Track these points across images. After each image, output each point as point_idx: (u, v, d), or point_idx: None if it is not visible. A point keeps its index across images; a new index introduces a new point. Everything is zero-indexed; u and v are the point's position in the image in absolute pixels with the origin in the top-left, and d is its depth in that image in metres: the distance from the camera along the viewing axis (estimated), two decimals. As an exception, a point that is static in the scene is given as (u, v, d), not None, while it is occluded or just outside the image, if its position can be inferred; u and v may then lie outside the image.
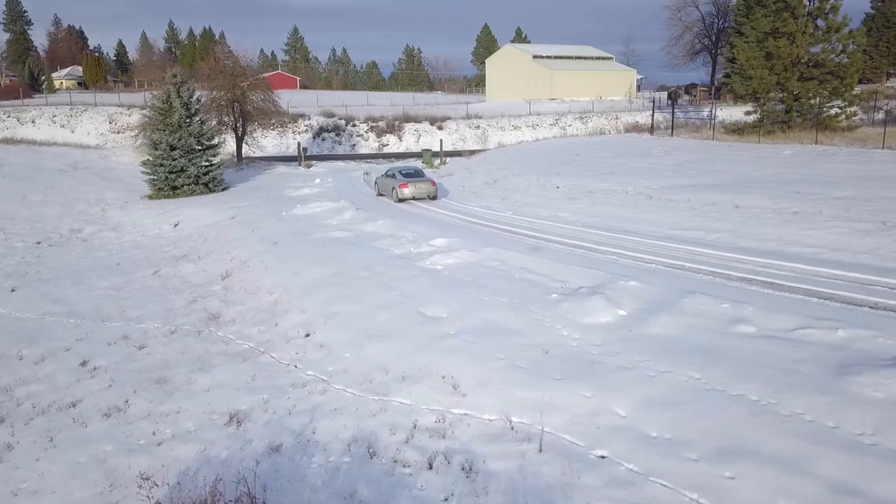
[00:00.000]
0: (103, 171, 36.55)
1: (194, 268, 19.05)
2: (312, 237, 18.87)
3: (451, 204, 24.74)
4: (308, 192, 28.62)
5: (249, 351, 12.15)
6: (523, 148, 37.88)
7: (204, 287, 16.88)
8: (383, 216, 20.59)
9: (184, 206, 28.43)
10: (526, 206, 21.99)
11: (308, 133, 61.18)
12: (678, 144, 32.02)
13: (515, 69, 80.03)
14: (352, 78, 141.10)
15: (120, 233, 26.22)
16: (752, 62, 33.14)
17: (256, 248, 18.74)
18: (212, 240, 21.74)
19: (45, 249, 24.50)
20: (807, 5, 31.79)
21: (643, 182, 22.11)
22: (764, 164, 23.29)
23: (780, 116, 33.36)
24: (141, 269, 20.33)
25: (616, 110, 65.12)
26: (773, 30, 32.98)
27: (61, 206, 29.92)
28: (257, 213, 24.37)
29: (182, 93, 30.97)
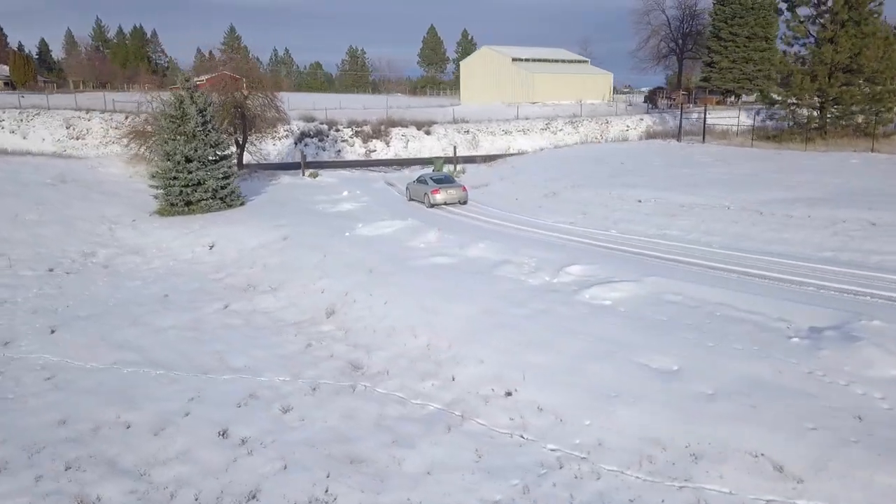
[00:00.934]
0: (95, 185, 33.34)
1: (276, 301, 16.94)
2: (412, 264, 17.05)
3: (523, 219, 23.24)
4: (350, 206, 26.60)
5: (442, 415, 10.36)
6: (548, 156, 36.72)
7: (309, 326, 14.87)
8: (477, 238, 18.91)
9: (208, 224, 25.94)
10: (620, 223, 20.72)
11: (289, 139, 58.58)
12: (720, 152, 31.46)
13: (494, 72, 79.13)
14: (296, 79, 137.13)
15: (144, 257, 23.60)
16: (787, 67, 32.87)
17: (350, 278, 16.79)
18: (276, 267, 19.58)
19: (63, 278, 21.74)
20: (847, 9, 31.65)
21: (738, 196, 21.19)
22: (847, 174, 22.71)
23: (814, 122, 33.20)
24: (202, 302, 18.06)
25: (601, 115, 64.84)
26: (806, 35, 32.79)
27: (61, 226, 26.90)
28: (311, 233, 22.27)
29: (196, 98, 28.34)
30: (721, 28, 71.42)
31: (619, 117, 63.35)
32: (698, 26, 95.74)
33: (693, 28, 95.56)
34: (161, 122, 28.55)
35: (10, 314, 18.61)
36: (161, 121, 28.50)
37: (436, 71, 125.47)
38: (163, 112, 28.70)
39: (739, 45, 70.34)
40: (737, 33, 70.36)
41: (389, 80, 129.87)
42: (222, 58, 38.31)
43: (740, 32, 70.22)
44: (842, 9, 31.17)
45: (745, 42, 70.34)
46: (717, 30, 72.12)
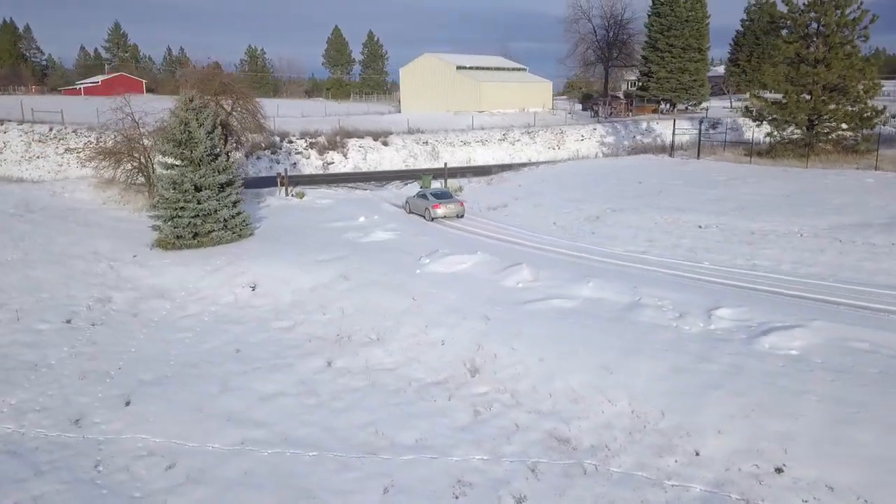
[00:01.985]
0: (68, 214, 29.92)
1: (388, 356, 15.63)
2: (528, 309, 16.22)
3: (585, 246, 22.79)
4: (385, 235, 25.19)
5: (717, 499, 9.67)
6: (549, 174, 36.53)
7: (457, 388, 13.77)
8: (574, 274, 18.21)
9: (231, 259, 23.80)
10: (699, 252, 20.71)
11: (239, 151, 55.35)
12: (728, 169, 32.41)
13: (437, 79, 78.51)
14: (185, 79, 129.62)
15: (174, 301, 21.31)
16: (782, 86, 34.28)
17: (466, 327, 15.78)
18: (356, 313, 18.13)
19: (90, 331, 19.28)
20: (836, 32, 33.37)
21: (798, 221, 21.77)
22: (887, 196, 23.77)
23: (804, 140, 34.75)
24: (290, 357, 16.46)
25: (554, 124, 65.54)
26: (797, 55, 34.29)
27: (54, 266, 23.91)
28: (371, 270, 20.82)
29: (203, 120, 25.94)
30: (657, 39, 74.08)
31: (572, 127, 64.22)
32: (624, 36, 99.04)
33: (619, 37, 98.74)
34: (163, 146, 25.92)
35: (56, 381, 16.27)
36: (163, 145, 25.86)
37: (342, 72, 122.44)
38: (165, 135, 26.07)
39: (675, 55, 73.19)
40: (673, 44, 73.21)
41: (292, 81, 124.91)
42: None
43: (676, 44, 73.11)
44: (833, 33, 32.92)
45: (680, 53, 73.26)
46: (653, 41, 74.73)
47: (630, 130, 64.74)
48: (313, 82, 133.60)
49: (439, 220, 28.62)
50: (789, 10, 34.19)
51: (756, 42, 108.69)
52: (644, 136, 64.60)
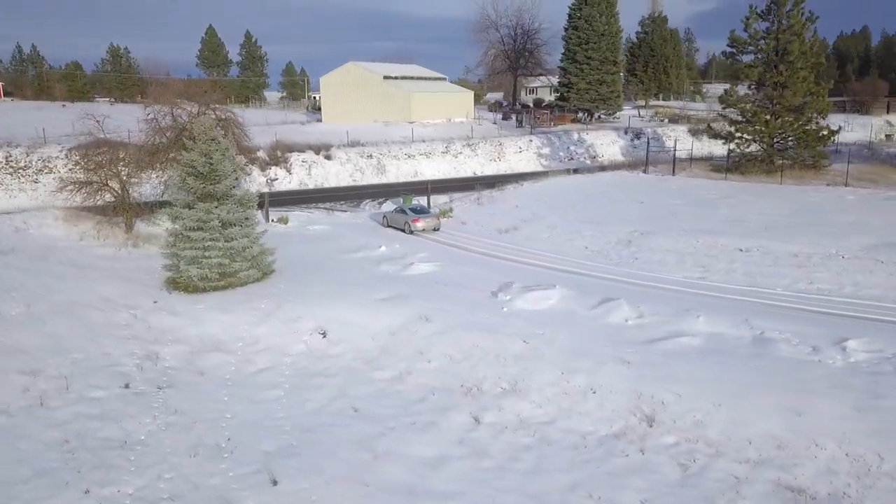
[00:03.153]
0: (44, 253, 26.65)
1: (539, 408, 15.32)
2: (660, 348, 16.47)
3: (641, 273, 23.28)
4: (427, 268, 24.54)
5: None
6: (537, 192, 36.97)
7: (641, 441, 13.74)
8: (678, 309, 18.59)
9: (278, 301, 22.27)
10: (757, 276, 21.86)
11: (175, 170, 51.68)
12: (714, 187, 34.41)
13: (363, 89, 77.21)
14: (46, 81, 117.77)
15: (236, 354, 19.68)
16: (751, 108, 36.75)
17: (606, 371, 15.83)
18: (464, 358, 17.62)
19: (160, 396, 17.48)
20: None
21: (832, 242, 23.46)
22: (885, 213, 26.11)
23: (764, 156, 37.47)
24: (422, 414, 15.82)
25: (491, 136, 66.37)
26: (761, 78, 36.91)
27: (68, 319, 21.32)
28: (445, 308, 20.24)
29: (224, 150, 24.03)
30: (576, 52, 76.92)
31: (508, 139, 65.24)
32: (532, 45, 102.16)
33: (527, 47, 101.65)
34: (185, 182, 23.68)
35: (164, 461, 14.64)
36: (185, 181, 23.63)
37: (219, 74, 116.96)
38: (184, 168, 23.83)
39: (594, 68, 76.29)
40: (591, 57, 76.31)
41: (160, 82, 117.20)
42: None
43: (594, 56, 76.28)
44: (797, 58, 35.80)
45: (598, 66, 76.45)
46: (571, 53, 77.47)
47: (563, 142, 66.70)
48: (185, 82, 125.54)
49: (466, 248, 28.25)
50: (750, 36, 36.87)
51: (651, 53, 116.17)
52: (577, 147, 66.92)
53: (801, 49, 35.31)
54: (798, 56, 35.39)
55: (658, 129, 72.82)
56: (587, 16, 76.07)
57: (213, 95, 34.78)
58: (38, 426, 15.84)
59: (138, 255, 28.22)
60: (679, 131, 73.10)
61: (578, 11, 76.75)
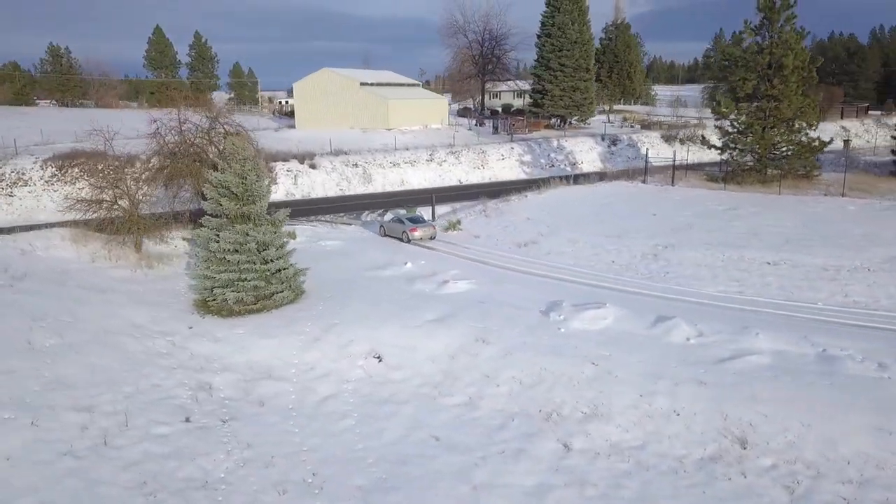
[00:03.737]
0: (59, 277, 25.54)
1: (626, 433, 15.52)
2: (731, 367, 16.87)
3: (675, 287, 23.65)
4: (466, 286, 24.42)
5: None
6: (545, 204, 37.20)
7: (739, 464, 14.09)
8: (736, 326, 19.01)
9: (323, 325, 21.95)
10: (793, 290, 22.52)
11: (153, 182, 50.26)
12: (719, 198, 35.38)
13: (339, 96, 76.56)
14: None
15: (295, 382, 19.36)
16: (746, 120, 37.85)
17: (684, 393, 16.12)
18: (535, 382, 17.66)
19: (227, 429, 17.11)
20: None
21: (853, 255, 24.55)
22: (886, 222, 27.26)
23: (758, 166, 38.67)
24: (510, 442, 15.75)
25: (472, 143, 66.43)
26: (755, 91, 38.06)
27: (104, 348, 20.59)
28: (498, 329, 20.24)
29: (259, 169, 23.52)
30: (550, 59, 77.66)
31: (490, 146, 65.41)
32: (500, 51, 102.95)
33: (494, 52, 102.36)
34: (218, 203, 23.03)
35: (253, 500, 14.26)
36: (219, 202, 22.98)
37: (168, 76, 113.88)
38: (220, 190, 23.17)
39: (567, 75, 77.23)
40: (565, 64, 77.25)
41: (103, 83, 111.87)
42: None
43: (567, 63, 77.23)
44: (791, 72, 37.04)
45: (571, 73, 77.43)
46: (545, 60, 78.13)
47: (544, 149, 67.27)
48: (132, 83, 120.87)
49: (491, 263, 28.26)
50: (744, 50, 38.09)
51: (616, 59, 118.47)
52: (557, 155, 67.55)
53: (795, 63, 36.65)
54: (792, 70, 36.74)
55: (633, 136, 74.16)
56: (560, 23, 76.90)
57: (226, 106, 33.77)
58: (110, 468, 15.25)
59: (155, 276, 27.33)
60: (653, 137, 74.69)
61: (551, 19, 77.50)
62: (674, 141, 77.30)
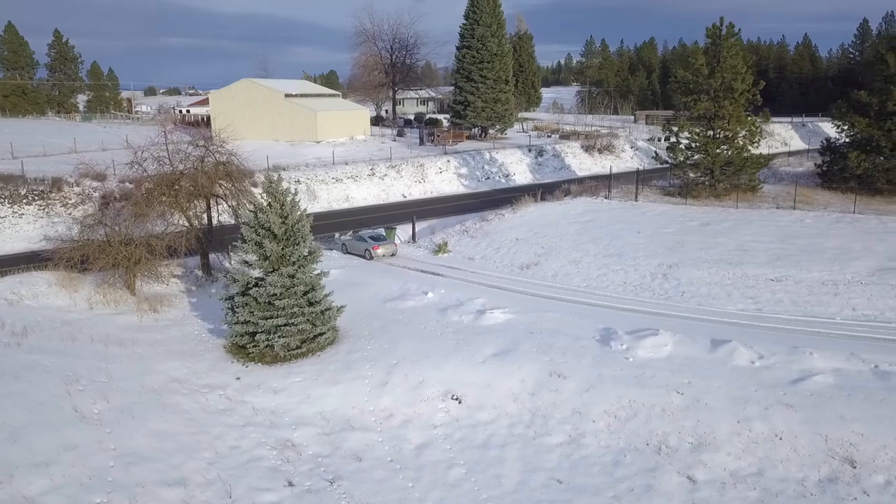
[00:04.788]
0: (65, 330, 23.12)
1: (737, 460, 16.38)
2: (809, 388, 18.24)
3: (697, 307, 25.01)
4: (504, 316, 24.54)
5: None
6: (526, 224, 37.80)
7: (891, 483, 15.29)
8: (786, 346, 20.50)
9: (381, 366, 21.39)
10: (806, 306, 24.39)
11: (87, 205, 46.87)
12: (690, 214, 37.61)
13: (262, 107, 74.03)
14: None
15: (379, 431, 19.01)
16: (700, 138, 40.47)
17: (778, 417, 17.24)
18: (630, 415, 18.29)
19: (336, 491, 16.60)
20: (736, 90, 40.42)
21: (839, 269, 27.07)
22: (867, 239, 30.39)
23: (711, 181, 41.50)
24: (635, 480, 16.32)
25: (408, 156, 66.27)
26: (706, 111, 40.79)
27: (158, 409, 19.17)
28: (563, 361, 20.65)
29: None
30: (471, 71, 78.87)
31: (427, 159, 65.56)
32: (410, 60, 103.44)
33: (405, 62, 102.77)
34: (263, 245, 21.73)
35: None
36: (264, 245, 21.68)
37: (25, 77, 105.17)
38: (259, 231, 21.86)
39: (489, 87, 78.86)
40: (486, 76, 78.81)
41: None
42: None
43: (489, 76, 78.88)
44: (740, 96, 40.10)
45: (492, 84, 79.14)
46: (467, 72, 79.14)
47: (477, 161, 68.27)
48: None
49: (505, 288, 28.50)
50: (694, 76, 40.92)
51: (521, 69, 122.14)
52: (490, 167, 68.73)
53: (743, 87, 39.85)
54: (741, 93, 39.91)
55: (556, 147, 76.81)
56: (480, 36, 78.22)
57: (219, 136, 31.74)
58: (242, 547, 14.22)
59: (164, 321, 25.41)
60: (574, 147, 77.88)
61: (471, 32, 78.61)
62: (593, 150, 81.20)
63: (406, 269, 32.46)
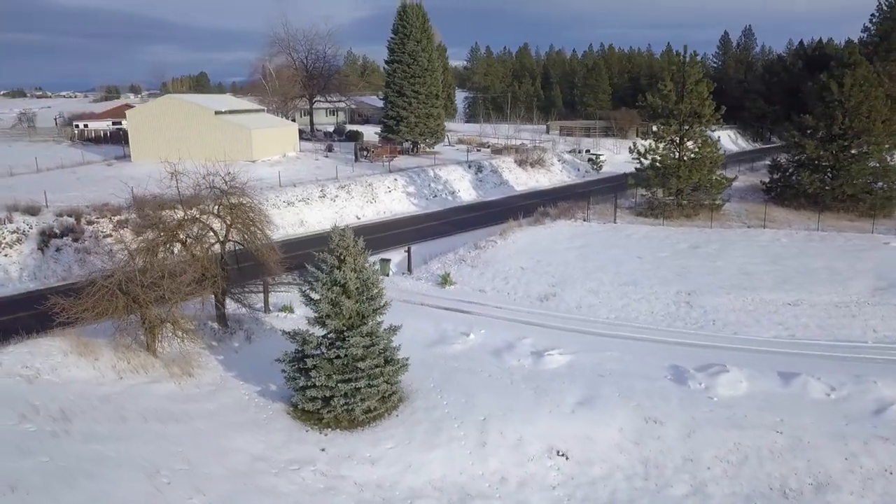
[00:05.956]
0: (108, 408, 20.40)
1: (859, 500, 17.17)
2: None
3: (730, 336, 26.03)
4: (563, 358, 24.33)
5: None
6: (521, 251, 37.82)
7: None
8: (850, 377, 21.71)
9: (462, 426, 20.59)
10: (831, 329, 26.08)
11: (24, 244, 42.50)
12: (670, 235, 39.15)
13: (189, 126, 69.41)
14: None
15: (507, 500, 18.04)
16: (665, 157, 42.39)
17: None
18: (741, 459, 18.80)
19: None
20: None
21: (841, 290, 29.28)
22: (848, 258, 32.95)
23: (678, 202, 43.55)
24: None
25: (354, 175, 64.56)
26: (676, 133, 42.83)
27: (262, 497, 17.41)
28: (651, 406, 20.83)
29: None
30: (403, 86, 78.30)
31: (374, 178, 64.25)
32: (327, 72, 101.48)
33: (322, 72, 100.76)
34: (339, 304, 20.16)
35: None
36: (340, 303, 20.12)
37: None
38: (334, 288, 20.27)
39: (421, 102, 78.64)
40: (418, 91, 78.54)
41: None
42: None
43: (421, 90, 78.66)
44: (707, 121, 42.21)
45: (425, 100, 78.99)
46: (399, 87, 78.44)
47: (423, 179, 67.70)
48: None
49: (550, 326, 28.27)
50: (663, 101, 42.78)
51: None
52: (436, 184, 68.38)
53: (709, 112, 42.16)
54: (708, 119, 42.18)
55: (492, 162, 77.53)
56: (411, 51, 77.72)
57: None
58: None
59: (206, 386, 23.11)
60: (508, 162, 79.00)
61: (402, 47, 77.89)
62: (526, 165, 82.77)
63: (423, 305, 31.51)
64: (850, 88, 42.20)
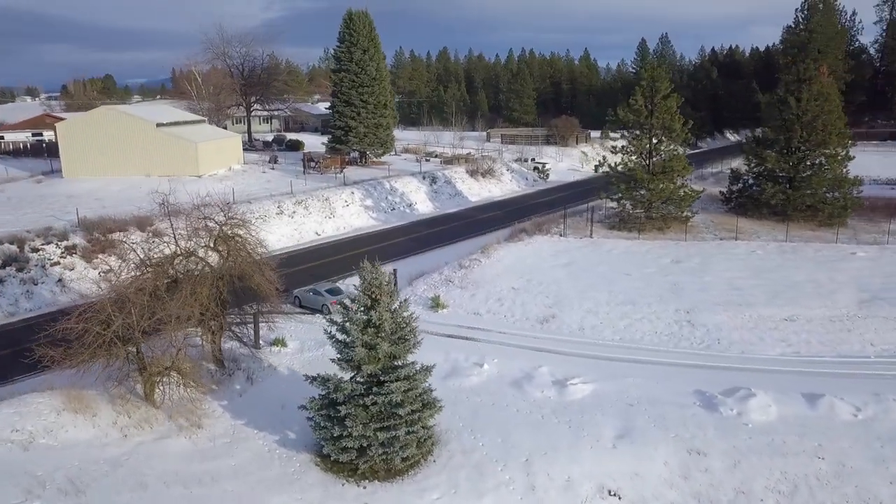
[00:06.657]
0: (121, 475, 18.37)
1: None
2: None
3: (739, 356, 26.35)
4: (587, 387, 23.89)
5: None
6: (508, 270, 37.30)
7: None
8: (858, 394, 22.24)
9: (517, 469, 19.78)
10: (832, 345, 26.89)
11: None
12: (650, 250, 39.58)
13: (131, 139, 65.34)
14: None
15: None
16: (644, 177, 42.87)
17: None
18: (796, 486, 18.69)
19: None
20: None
21: (830, 303, 30.34)
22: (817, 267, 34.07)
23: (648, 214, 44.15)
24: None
25: (309, 189, 62.45)
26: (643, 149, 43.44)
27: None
28: (689, 437, 20.74)
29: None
30: (351, 96, 76.75)
31: (330, 191, 62.36)
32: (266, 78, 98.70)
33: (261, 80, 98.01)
34: (375, 348, 18.83)
35: None
36: (377, 346, 18.79)
37: None
38: (369, 332, 18.92)
39: (370, 112, 77.30)
40: (367, 101, 77.18)
41: None
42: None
43: (369, 100, 77.35)
44: (678, 134, 42.85)
45: (373, 110, 77.68)
46: (346, 97, 76.83)
47: (380, 192, 66.37)
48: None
49: (559, 351, 27.79)
50: (635, 116, 43.33)
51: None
52: (393, 197, 67.10)
53: (679, 127, 42.99)
54: (678, 132, 42.99)
55: (445, 172, 76.81)
56: (359, 60, 76.17)
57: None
58: None
59: (219, 438, 21.37)
60: (460, 172, 78.50)
61: (349, 56, 76.16)
62: (478, 175, 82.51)
63: (422, 332, 30.33)
64: (806, 103, 44.09)
